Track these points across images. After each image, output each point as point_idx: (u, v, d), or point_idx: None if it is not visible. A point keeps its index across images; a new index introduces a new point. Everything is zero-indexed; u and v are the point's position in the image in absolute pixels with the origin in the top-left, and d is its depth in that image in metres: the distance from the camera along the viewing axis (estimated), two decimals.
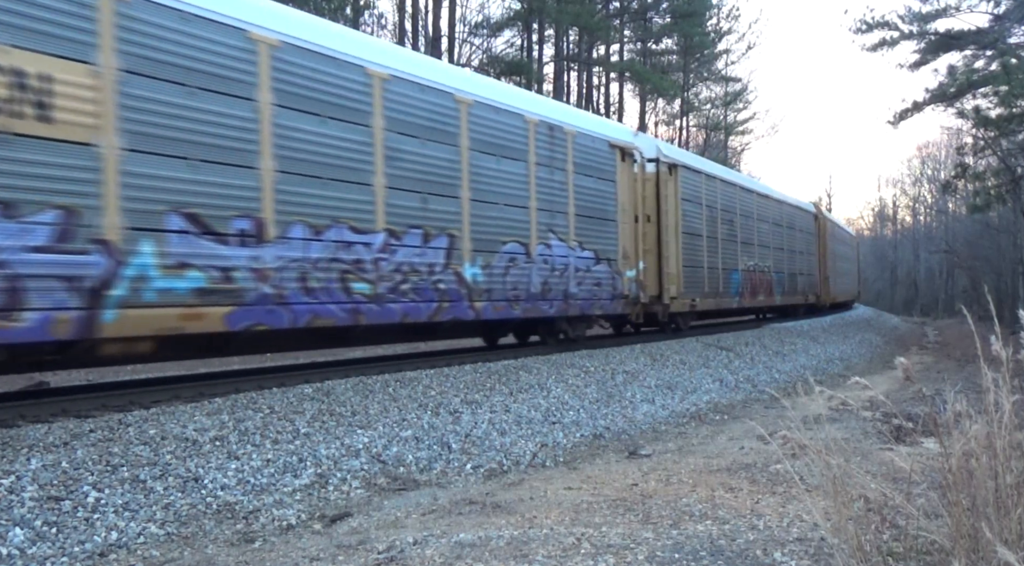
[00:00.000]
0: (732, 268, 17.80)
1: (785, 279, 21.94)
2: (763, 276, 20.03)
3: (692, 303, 15.33)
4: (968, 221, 42.93)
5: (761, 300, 20.00)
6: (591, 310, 11.92)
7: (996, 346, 2.78)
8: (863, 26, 24.88)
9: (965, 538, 2.59)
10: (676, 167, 14.99)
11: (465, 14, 29.41)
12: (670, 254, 14.49)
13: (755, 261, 19.37)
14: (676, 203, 14.80)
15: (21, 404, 6.37)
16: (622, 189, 12.93)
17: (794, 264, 23.16)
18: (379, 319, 8.25)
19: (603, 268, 12.22)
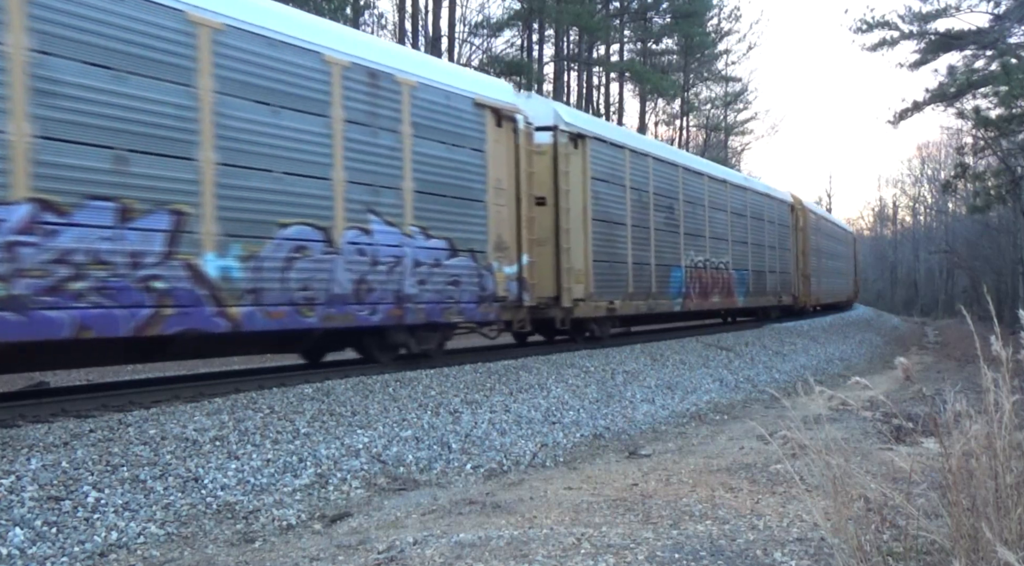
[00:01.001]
0: (672, 264, 15.01)
1: (750, 278, 19.01)
2: (719, 274, 17.23)
3: (610, 306, 12.57)
4: (968, 221, 42.94)
5: (716, 302, 17.11)
6: (443, 316, 9.21)
7: (996, 346, 2.78)
8: (863, 26, 24.91)
9: (965, 538, 2.59)
10: (584, 138, 12.11)
11: (465, 14, 29.41)
12: (574, 246, 11.72)
13: (706, 256, 16.56)
14: (584, 183, 12.06)
15: (21, 404, 6.37)
16: (495, 162, 10.07)
17: (762, 260, 20.10)
18: (22, 334, 5.59)
19: (463, 262, 9.48)
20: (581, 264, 11.89)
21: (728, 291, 17.73)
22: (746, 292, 18.80)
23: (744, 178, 20.82)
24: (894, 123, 25.66)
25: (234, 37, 7.04)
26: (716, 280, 17.10)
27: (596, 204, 12.39)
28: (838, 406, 7.62)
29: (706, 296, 16.52)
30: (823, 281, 27.48)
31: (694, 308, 16.13)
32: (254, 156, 7.19)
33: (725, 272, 17.63)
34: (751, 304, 19.34)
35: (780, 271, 21.67)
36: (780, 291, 21.60)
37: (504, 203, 10.31)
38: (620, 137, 14.02)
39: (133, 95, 6.28)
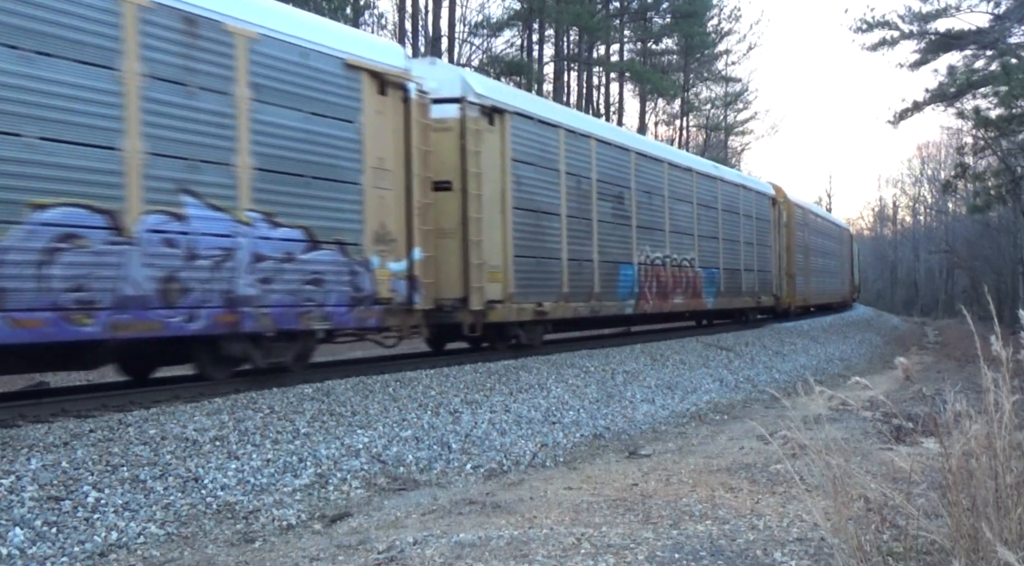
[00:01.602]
0: (622, 261, 13.18)
1: (721, 277, 17.20)
2: (682, 273, 15.40)
3: (538, 309, 10.89)
4: (968, 221, 42.95)
5: (679, 303, 15.30)
6: (300, 323, 7.60)
7: (996, 346, 2.78)
8: (863, 26, 24.91)
9: (965, 538, 2.59)
10: (502, 113, 10.40)
11: (465, 14, 29.41)
12: (488, 238, 10.02)
13: (666, 252, 14.69)
14: (503, 166, 10.38)
15: (21, 404, 6.37)
16: (376, 137, 8.42)
17: (736, 258, 18.23)
18: None
19: (328, 257, 7.89)
20: (498, 260, 10.20)
21: (694, 291, 15.89)
22: (717, 292, 17.01)
23: (714, 166, 18.73)
24: (894, 123, 25.67)
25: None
26: (679, 279, 15.24)
27: (519, 191, 10.67)
28: (838, 406, 7.62)
29: (666, 297, 14.63)
30: (812, 281, 25.65)
31: (651, 310, 14.25)
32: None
33: (690, 270, 15.74)
34: (724, 306, 17.64)
35: (759, 270, 19.65)
36: (759, 291, 19.61)
37: (389, 187, 8.60)
38: (553, 114, 12.08)
39: None
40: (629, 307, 13.43)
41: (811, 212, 27.22)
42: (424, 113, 9.23)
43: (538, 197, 11.20)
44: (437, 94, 9.60)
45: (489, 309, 10.04)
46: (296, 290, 7.57)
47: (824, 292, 27.91)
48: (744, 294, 18.75)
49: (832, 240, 30.48)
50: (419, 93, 9.08)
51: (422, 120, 9.14)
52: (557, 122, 11.88)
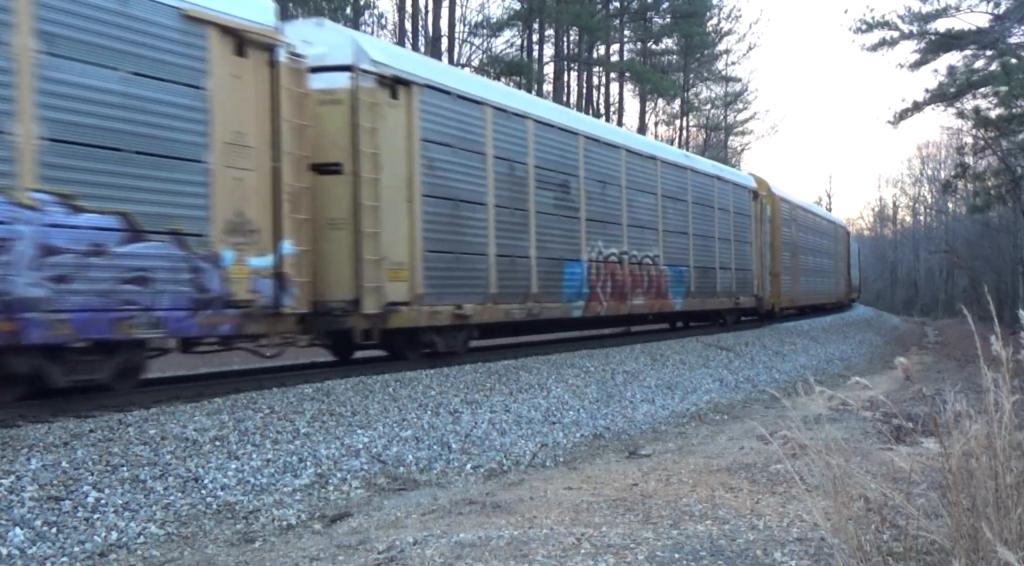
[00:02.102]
0: (567, 258, 11.72)
1: (691, 276, 15.69)
2: (644, 271, 13.81)
3: (458, 312, 9.42)
4: (968, 221, 42.95)
5: (640, 304, 13.65)
6: (117, 331, 6.19)
7: (996, 346, 2.78)
8: (863, 26, 24.91)
9: (965, 538, 2.59)
10: (409, 85, 8.85)
11: (465, 14, 29.40)
12: (388, 230, 8.48)
13: (623, 249, 13.17)
14: (409, 146, 8.85)
15: (21, 404, 6.36)
16: (230, 107, 7.06)
17: (710, 255, 16.74)
18: None
19: (158, 249, 6.48)
20: (403, 255, 8.74)
21: (659, 291, 14.35)
22: (686, 293, 15.47)
23: (684, 155, 17.36)
24: (894, 123, 25.68)
25: None
26: (640, 278, 13.67)
27: (432, 176, 9.14)
28: (838, 406, 7.62)
29: (623, 297, 13.11)
30: (801, 280, 23.93)
31: (606, 312, 12.69)
32: None
33: (654, 268, 14.15)
34: (694, 307, 16.07)
35: (738, 268, 18.09)
36: (737, 292, 18.03)
37: (249, 167, 7.21)
38: (476, 89, 10.36)
39: None
40: (577, 309, 11.86)
41: (800, 207, 25.16)
42: (299, 81, 7.75)
43: (457, 184, 9.59)
44: (325, 61, 8.21)
45: (390, 312, 8.51)
46: (109, 291, 6.09)
47: (815, 292, 26.39)
48: (720, 295, 17.17)
49: (825, 237, 28.86)
50: (291, 56, 7.61)
51: (297, 89, 7.68)
52: (482, 98, 10.18)
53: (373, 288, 8.32)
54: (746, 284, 18.71)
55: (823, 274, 27.91)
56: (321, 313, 8.07)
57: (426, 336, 9.39)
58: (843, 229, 34.71)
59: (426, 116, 9.14)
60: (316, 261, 8.00)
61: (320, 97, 8.19)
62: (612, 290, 12.83)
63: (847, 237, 35.23)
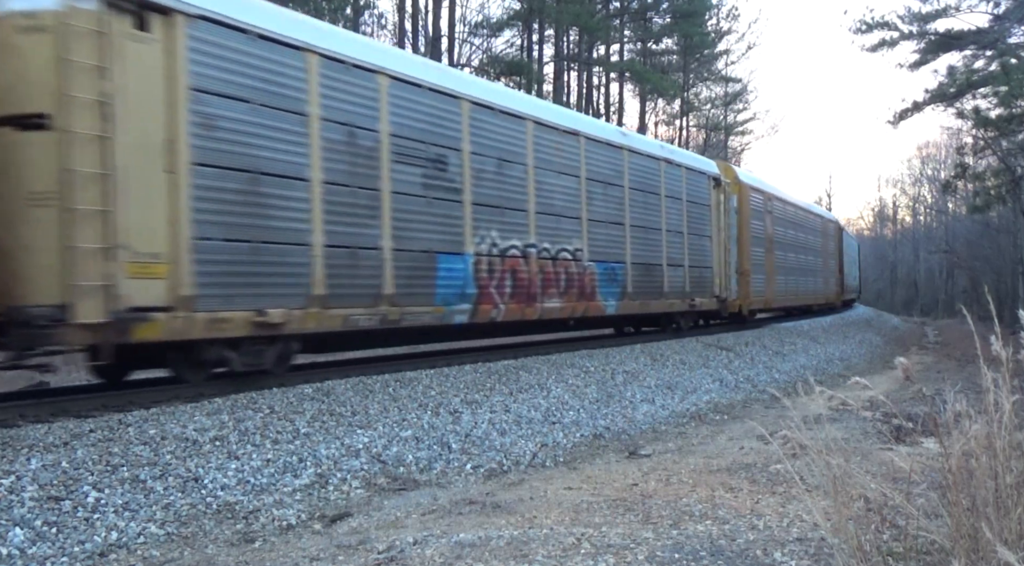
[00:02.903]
0: (444, 250, 9.36)
1: (627, 273, 13.15)
2: (561, 267, 11.46)
3: (260, 320, 7.15)
4: (968, 221, 42.97)
5: (553, 307, 11.26)
6: None
7: (996, 346, 2.78)
8: (863, 26, 24.91)
9: (965, 538, 2.59)
10: (171, 14, 6.60)
11: (465, 14, 29.41)
12: (138, 208, 6.33)
13: (527, 240, 10.80)
14: (173, 97, 6.59)
15: (21, 404, 6.37)
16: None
17: (655, 250, 14.19)
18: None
19: None
20: (158, 244, 6.46)
21: (582, 292, 11.95)
22: (622, 294, 12.96)
23: (620, 132, 14.58)
24: (894, 123, 25.68)
25: None
26: (555, 276, 11.32)
27: (210, 138, 6.87)
28: (838, 406, 7.62)
29: (531, 299, 10.76)
30: (779, 279, 21.12)
31: (504, 317, 10.31)
32: None
33: (575, 265, 11.77)
34: (633, 310, 13.43)
35: (693, 265, 15.62)
36: (692, 292, 15.49)
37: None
38: (293, 30, 7.79)
39: None
40: (461, 314, 9.55)
41: (777, 198, 22.01)
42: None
43: (259, 152, 7.29)
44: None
45: (133, 321, 6.25)
46: None
47: (798, 292, 23.69)
48: (669, 296, 14.60)
49: (810, 232, 25.99)
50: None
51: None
52: (304, 43, 7.76)
53: (95, 288, 6.02)
54: (704, 283, 16.20)
55: (808, 273, 25.22)
56: (18, 323, 5.94)
57: (211, 351, 7.07)
58: (833, 224, 31.08)
59: (201, 58, 6.81)
60: (12, 251, 6.01)
61: (18, 22, 6.12)
62: (513, 290, 10.43)
63: (839, 233, 31.69)
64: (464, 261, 9.72)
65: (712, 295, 16.49)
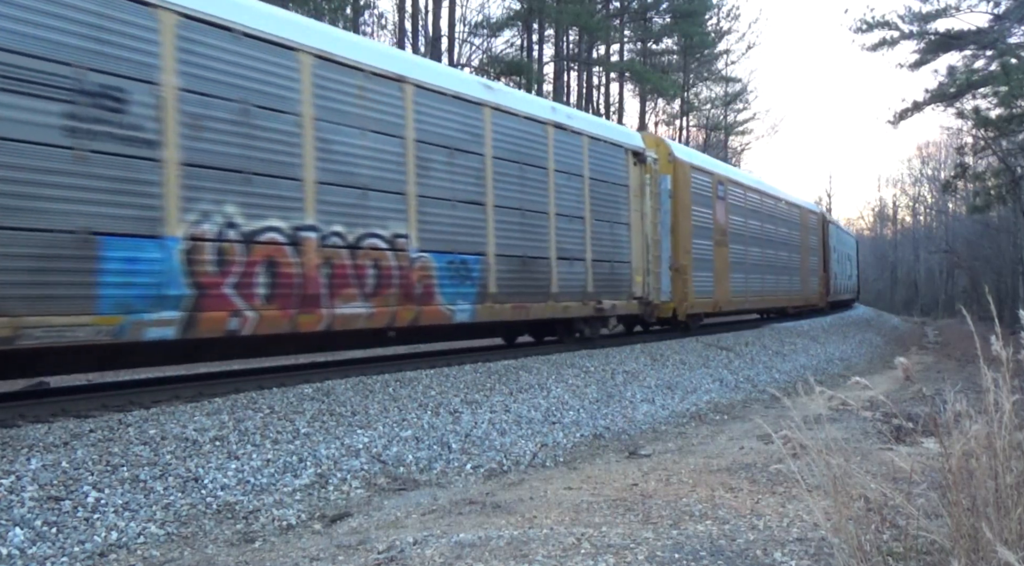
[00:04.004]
0: (122, 232, 6.36)
1: (490, 269, 10.05)
2: (366, 259, 8.34)
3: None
4: (968, 221, 42.99)
5: (356, 314, 8.16)
6: None
7: (996, 346, 2.79)
8: (863, 26, 24.96)
9: (965, 538, 2.59)
10: None
11: (465, 14, 29.49)
12: None
13: (302, 222, 7.73)
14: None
15: (21, 404, 6.37)
16: None
17: (537, 239, 10.97)
18: None
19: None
20: None
21: (409, 292, 8.79)
22: (479, 294, 9.81)
23: (482, 84, 10.84)
24: (894, 123, 25.74)
25: None
26: (359, 271, 8.24)
27: None
28: (838, 406, 7.62)
29: (308, 303, 7.66)
30: (735, 278, 17.94)
31: (255, 329, 7.18)
32: None
33: (395, 256, 8.64)
34: (501, 316, 10.21)
35: (601, 259, 12.34)
36: (600, 293, 12.26)
37: None
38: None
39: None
40: (161, 326, 6.55)
41: (734, 182, 18.60)
42: None
43: None
44: None
45: None
46: None
47: (764, 293, 20.11)
48: (560, 297, 11.29)
49: (784, 224, 22.20)
50: None
51: None
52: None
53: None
54: (618, 282, 12.82)
55: (779, 270, 21.58)
56: None
57: None
58: (816, 215, 26.80)
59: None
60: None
61: None
62: (274, 291, 7.39)
63: (823, 225, 27.48)
64: (164, 248, 6.66)
65: (631, 296, 13.13)
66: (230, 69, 7.17)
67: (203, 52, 6.97)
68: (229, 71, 7.17)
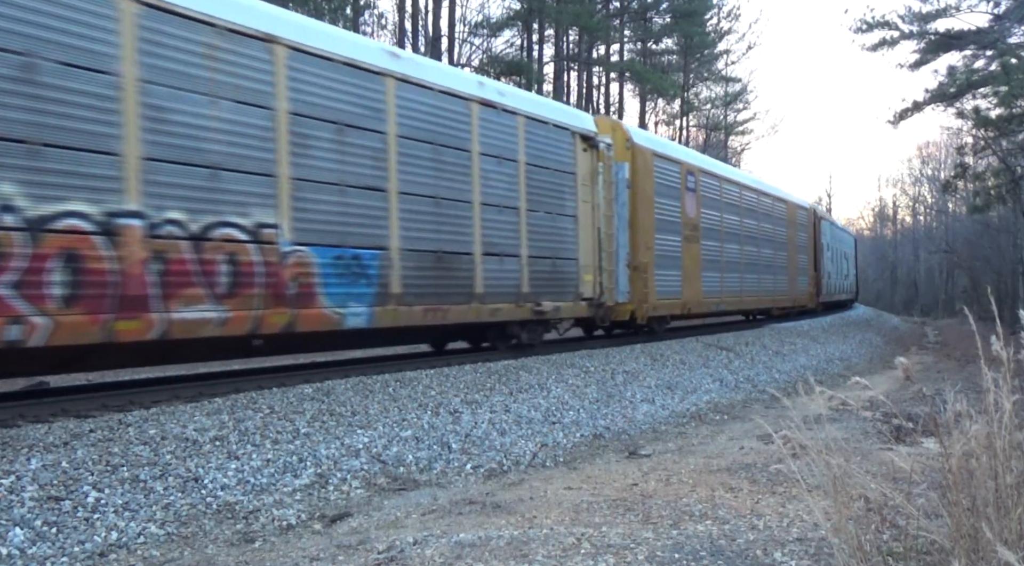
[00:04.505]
0: None
1: (391, 265, 8.59)
2: (217, 253, 6.91)
3: None
4: (968, 221, 42.99)
5: (201, 318, 6.71)
6: None
7: (996, 346, 2.78)
8: (863, 26, 24.95)
9: (965, 538, 2.59)
10: None
11: (465, 14, 29.49)
12: None
13: (124, 206, 6.24)
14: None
15: (21, 404, 6.37)
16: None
17: (458, 232, 9.51)
18: None
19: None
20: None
21: (280, 293, 7.42)
22: (378, 295, 8.38)
23: (385, 52, 9.13)
24: (894, 123, 25.72)
25: None
26: (205, 267, 6.86)
27: None
28: (838, 406, 7.62)
29: (130, 306, 6.23)
30: (710, 278, 16.53)
31: (50, 340, 5.71)
32: None
33: (259, 249, 7.28)
34: (409, 321, 8.75)
35: (540, 255, 10.83)
36: (539, 292, 10.72)
37: None
38: None
39: None
40: None
41: (707, 172, 16.95)
42: None
43: None
44: None
45: None
46: None
47: (744, 294, 18.51)
48: (487, 298, 9.82)
49: (768, 220, 20.53)
50: None
51: None
52: None
53: None
54: (563, 282, 11.36)
55: (761, 269, 19.79)
56: None
57: None
58: (806, 211, 24.96)
59: None
60: None
61: None
62: (75, 290, 5.93)
63: (814, 222, 25.72)
64: None
65: (578, 297, 11.66)
66: (7, 10, 5.62)
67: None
68: (4, 13, 5.61)
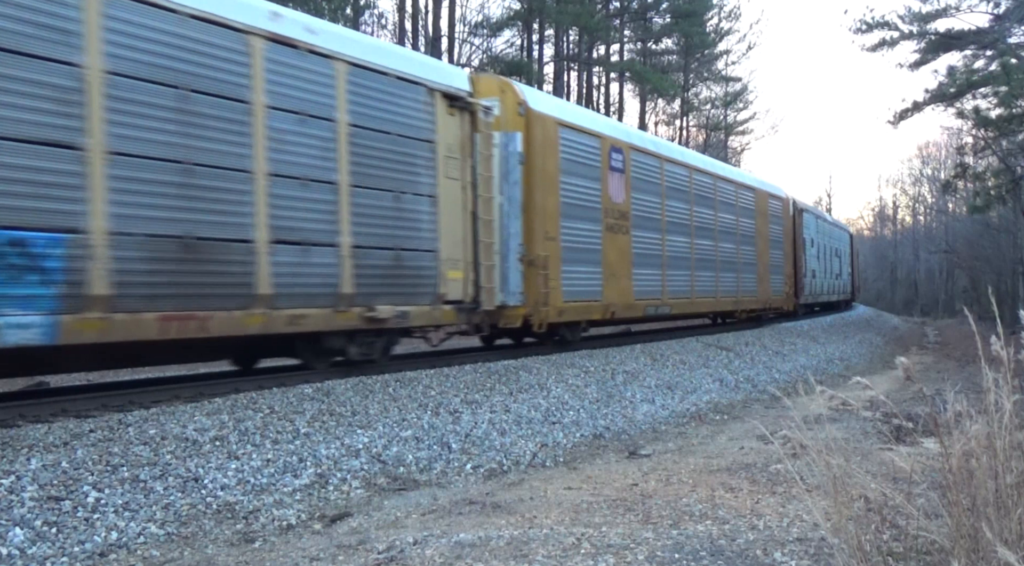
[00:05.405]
0: None
1: (88, 254, 5.87)
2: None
3: None
4: (968, 221, 42.96)
5: None
6: None
7: (996, 346, 2.78)
8: (863, 26, 24.94)
9: (965, 538, 2.59)
10: None
11: (465, 14, 29.45)
12: None
13: None
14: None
15: (21, 404, 6.37)
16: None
17: (227, 211, 6.91)
18: None
19: None
20: None
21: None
22: (73, 299, 5.82)
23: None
24: (894, 123, 25.70)
25: None
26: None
27: None
28: (838, 406, 7.62)
29: None
30: (643, 276, 13.68)
31: None
32: None
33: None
34: (118, 335, 6.06)
35: (377, 246, 8.41)
36: (377, 294, 8.34)
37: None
38: None
39: None
40: None
41: (641, 149, 14.02)
42: None
43: None
44: None
45: None
46: None
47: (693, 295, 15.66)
48: (282, 301, 7.37)
49: (729, 209, 17.73)
50: None
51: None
52: None
53: None
54: (415, 280, 8.97)
55: (719, 265, 17.01)
56: None
57: None
58: (779, 200, 21.58)
59: None
60: None
61: None
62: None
63: (792, 213, 22.77)
64: None
65: (440, 300, 9.26)
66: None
67: None
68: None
